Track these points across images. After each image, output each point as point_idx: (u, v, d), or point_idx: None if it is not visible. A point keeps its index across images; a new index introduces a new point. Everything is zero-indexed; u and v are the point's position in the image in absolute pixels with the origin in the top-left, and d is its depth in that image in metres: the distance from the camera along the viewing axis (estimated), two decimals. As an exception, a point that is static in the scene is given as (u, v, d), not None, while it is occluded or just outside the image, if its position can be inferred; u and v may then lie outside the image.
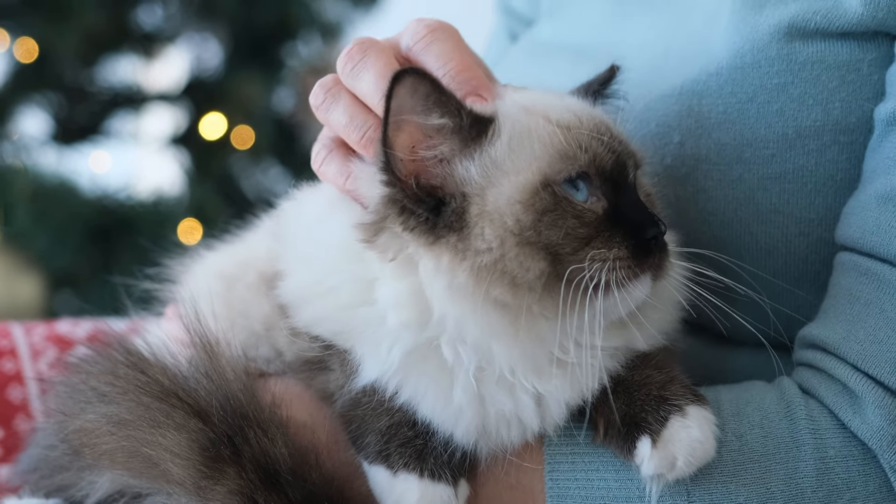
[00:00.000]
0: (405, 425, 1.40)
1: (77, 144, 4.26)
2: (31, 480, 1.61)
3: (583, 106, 1.48)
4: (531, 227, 1.33)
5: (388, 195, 1.36)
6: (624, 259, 1.35)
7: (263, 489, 1.36)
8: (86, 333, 2.19)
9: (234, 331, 1.50)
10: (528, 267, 1.32)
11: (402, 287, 1.36)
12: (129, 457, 1.42)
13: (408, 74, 1.32)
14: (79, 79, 4.29)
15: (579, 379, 1.39)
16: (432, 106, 1.34)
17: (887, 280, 1.47)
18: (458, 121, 1.36)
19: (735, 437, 1.43)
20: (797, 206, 1.60)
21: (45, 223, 3.66)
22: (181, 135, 4.44)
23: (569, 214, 1.34)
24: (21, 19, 3.87)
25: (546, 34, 2.01)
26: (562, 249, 1.33)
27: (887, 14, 1.54)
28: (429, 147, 1.36)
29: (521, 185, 1.35)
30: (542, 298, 1.34)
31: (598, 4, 1.91)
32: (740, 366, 1.66)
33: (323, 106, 1.47)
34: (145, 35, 4.45)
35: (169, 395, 1.41)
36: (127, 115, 4.42)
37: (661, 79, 1.68)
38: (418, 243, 1.35)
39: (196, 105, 4.43)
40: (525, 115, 1.41)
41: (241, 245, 1.67)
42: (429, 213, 1.34)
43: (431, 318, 1.35)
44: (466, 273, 1.32)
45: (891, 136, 1.53)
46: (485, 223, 1.33)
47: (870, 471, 1.43)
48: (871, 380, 1.44)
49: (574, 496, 1.42)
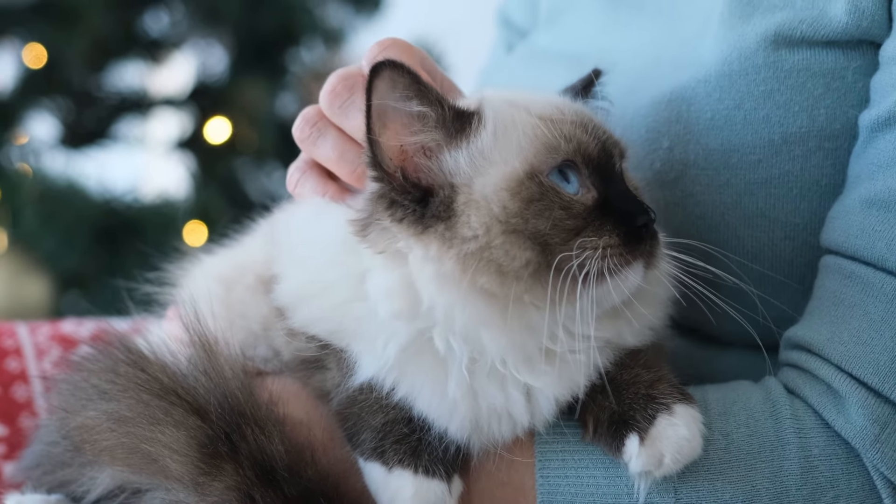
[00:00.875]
0: (400, 422, 1.40)
1: (85, 148, 4.24)
2: (33, 476, 1.61)
3: (564, 101, 1.49)
4: (517, 215, 1.33)
5: (376, 191, 1.37)
6: (615, 247, 1.35)
7: (260, 485, 1.36)
8: (89, 333, 2.19)
9: (233, 331, 1.50)
10: (513, 255, 1.33)
11: (391, 278, 1.36)
12: (129, 453, 1.42)
13: (385, 67, 1.33)
14: (86, 84, 4.27)
15: (569, 374, 1.39)
16: (413, 95, 1.35)
17: (871, 283, 1.47)
18: (441, 111, 1.37)
19: (721, 436, 1.43)
20: (783, 210, 1.61)
21: (53, 225, 3.66)
22: (187, 139, 4.43)
23: (556, 205, 1.35)
24: (30, 25, 3.86)
25: (543, 42, 2.02)
26: (550, 239, 1.34)
27: (871, 23, 1.55)
28: (413, 134, 1.36)
29: (507, 174, 1.36)
30: (531, 288, 1.34)
31: (593, 14, 1.91)
32: (728, 367, 1.67)
33: (309, 140, 1.49)
34: (152, 41, 4.43)
35: (168, 393, 1.41)
36: (134, 120, 4.41)
37: (652, 85, 1.69)
38: (407, 234, 1.35)
39: (201, 110, 4.42)
40: (509, 107, 1.42)
41: (238, 249, 1.67)
42: (416, 205, 1.35)
43: (421, 308, 1.35)
44: (453, 261, 1.33)
45: (875, 141, 1.53)
46: (471, 211, 1.34)
47: (853, 469, 1.43)
48: (855, 380, 1.44)
49: (564, 493, 1.43)
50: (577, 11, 1.95)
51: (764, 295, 1.54)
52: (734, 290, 1.50)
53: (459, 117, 1.38)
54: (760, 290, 1.55)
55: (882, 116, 1.52)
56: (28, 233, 3.66)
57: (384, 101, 1.34)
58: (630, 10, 1.85)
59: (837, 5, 1.57)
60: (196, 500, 1.38)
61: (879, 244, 1.47)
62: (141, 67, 4.55)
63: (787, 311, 1.57)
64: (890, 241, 1.47)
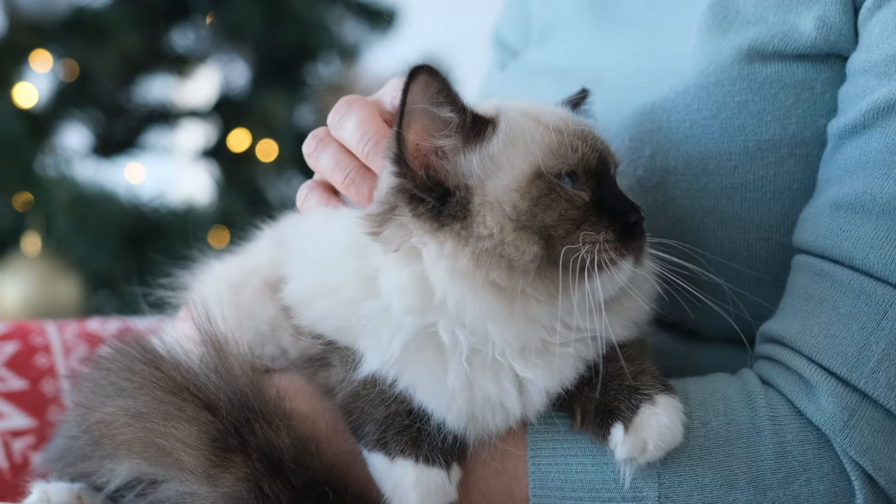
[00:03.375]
0: (401, 415, 1.40)
1: (115, 157, 4.25)
2: (57, 468, 1.62)
3: (568, 113, 1.51)
4: (527, 212, 1.35)
5: (398, 185, 1.38)
6: (612, 241, 1.37)
7: (268, 476, 1.37)
8: (113, 331, 2.20)
9: (242, 331, 1.51)
10: (523, 250, 1.34)
11: (405, 275, 1.37)
12: (145, 447, 1.42)
13: (422, 71, 1.34)
14: (117, 96, 4.28)
15: (560, 367, 1.40)
16: (443, 100, 1.36)
17: (839, 279, 1.48)
18: (463, 117, 1.38)
19: (701, 424, 1.45)
20: (757, 213, 1.62)
21: (84, 230, 3.66)
22: (211, 148, 4.44)
23: (561, 198, 1.37)
24: (64, 42, 3.87)
25: (534, 59, 2.02)
26: (555, 232, 1.35)
27: (838, 38, 1.56)
28: (437, 137, 1.38)
29: (518, 176, 1.37)
30: (534, 282, 1.36)
31: (580, 33, 1.92)
32: (707, 360, 1.67)
33: (314, 154, 1.53)
34: (178, 56, 4.44)
35: (181, 390, 1.42)
36: (161, 130, 4.42)
37: (635, 97, 1.69)
38: (423, 230, 1.36)
39: (224, 121, 4.43)
40: (521, 116, 1.43)
41: (245, 255, 1.68)
42: (436, 202, 1.36)
43: (433, 302, 1.36)
44: (468, 258, 1.34)
45: (842, 148, 1.54)
46: (486, 211, 1.35)
47: (824, 453, 1.45)
48: (825, 370, 1.45)
49: (554, 479, 1.44)
50: (566, 30, 1.96)
51: (741, 291, 1.56)
52: (712, 288, 1.51)
53: (477, 123, 1.39)
54: (738, 287, 1.56)
55: (849, 124, 1.53)
56: (61, 237, 3.66)
57: (415, 102, 1.36)
58: (615, 27, 1.85)
59: (807, 21, 1.58)
60: (208, 490, 1.38)
61: (847, 243, 1.49)
62: (168, 81, 4.57)
63: (764, 305, 1.58)
64: (856, 240, 1.48)
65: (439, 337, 1.38)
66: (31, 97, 3.89)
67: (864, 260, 1.47)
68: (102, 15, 3.90)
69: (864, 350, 1.44)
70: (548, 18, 2.02)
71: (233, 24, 4.36)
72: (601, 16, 1.88)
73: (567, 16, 1.95)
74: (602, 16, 1.88)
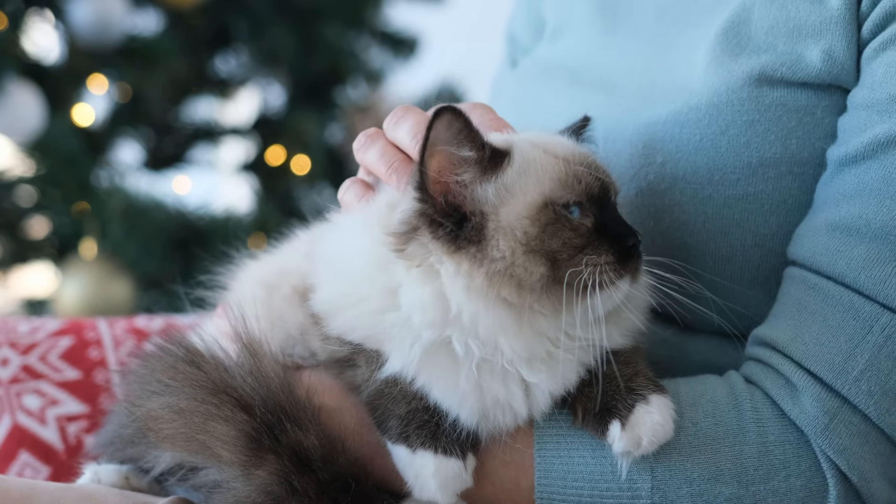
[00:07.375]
0: (421, 411, 1.40)
1: (164, 170, 4.27)
2: (108, 451, 1.63)
3: (573, 143, 1.50)
4: (536, 238, 1.35)
5: (419, 209, 1.37)
6: (611, 263, 1.37)
7: (297, 472, 1.37)
8: (158, 327, 2.22)
9: (273, 332, 1.50)
10: (531, 271, 1.34)
11: (426, 291, 1.37)
12: (187, 440, 1.42)
13: (446, 111, 1.34)
14: (166, 116, 4.29)
15: (563, 372, 1.41)
16: (463, 140, 1.36)
17: (831, 294, 1.48)
18: (482, 154, 1.37)
19: (691, 424, 1.45)
20: (755, 222, 1.61)
21: (136, 236, 3.66)
22: (250, 162, 4.46)
23: (566, 227, 1.36)
24: (118, 67, 3.87)
25: (545, 55, 2.00)
26: (559, 256, 1.35)
27: (841, 71, 1.56)
28: (455, 173, 1.37)
29: (528, 204, 1.37)
30: (541, 298, 1.36)
31: (592, 35, 1.90)
32: (696, 350, 1.68)
33: (362, 148, 1.51)
34: (221, 80, 4.47)
35: (219, 391, 1.41)
36: (205, 146, 4.43)
37: (650, 107, 1.68)
38: (442, 251, 1.36)
39: (262, 138, 4.44)
40: (531, 148, 1.43)
41: (279, 255, 1.68)
42: (453, 226, 1.36)
43: (450, 316, 1.36)
44: (482, 277, 1.34)
45: (841, 174, 1.54)
46: (500, 236, 1.35)
47: (803, 453, 1.44)
48: (811, 375, 1.45)
49: (558, 470, 1.44)
50: (577, 32, 1.94)
51: (734, 287, 1.59)
52: (707, 285, 1.54)
53: (495, 156, 1.39)
54: (730, 288, 1.59)
55: (850, 153, 1.53)
56: (114, 242, 3.67)
57: (437, 141, 1.35)
58: (625, 35, 1.84)
59: (813, 53, 1.57)
60: (243, 483, 1.38)
61: (840, 262, 1.49)
62: (211, 102, 4.62)
63: (752, 306, 1.59)
64: (850, 260, 1.48)
65: (453, 346, 1.38)
66: (88, 117, 3.92)
67: (855, 279, 1.47)
68: (153, 43, 3.91)
69: (850, 360, 1.44)
70: (559, 20, 2.01)
71: (270, 51, 4.38)
72: (611, 23, 1.87)
73: (578, 19, 1.94)
74: (612, 23, 1.87)
